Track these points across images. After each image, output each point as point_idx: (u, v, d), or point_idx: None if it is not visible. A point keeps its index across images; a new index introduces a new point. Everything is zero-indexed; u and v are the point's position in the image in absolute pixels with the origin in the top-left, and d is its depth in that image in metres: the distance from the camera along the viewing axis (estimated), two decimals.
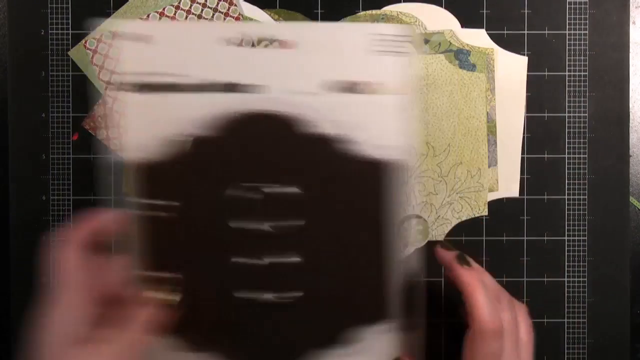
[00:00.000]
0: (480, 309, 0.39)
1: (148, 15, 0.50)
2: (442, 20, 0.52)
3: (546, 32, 0.52)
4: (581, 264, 0.52)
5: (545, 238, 0.52)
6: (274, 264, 0.42)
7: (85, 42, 0.51)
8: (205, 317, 0.42)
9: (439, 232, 0.52)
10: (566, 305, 0.52)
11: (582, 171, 0.52)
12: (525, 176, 0.52)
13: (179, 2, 0.51)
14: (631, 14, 0.53)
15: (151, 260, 0.41)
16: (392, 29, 0.42)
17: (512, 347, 0.40)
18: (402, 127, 0.42)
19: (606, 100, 0.52)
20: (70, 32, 0.52)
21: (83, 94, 0.52)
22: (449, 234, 0.52)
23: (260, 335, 0.43)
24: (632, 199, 0.53)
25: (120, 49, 0.40)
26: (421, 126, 0.52)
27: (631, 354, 0.52)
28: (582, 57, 0.52)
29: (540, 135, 0.52)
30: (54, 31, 0.52)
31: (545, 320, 0.52)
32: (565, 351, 0.52)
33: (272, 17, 0.51)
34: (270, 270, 0.42)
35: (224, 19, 0.50)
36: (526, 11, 0.52)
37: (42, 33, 0.52)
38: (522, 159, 0.52)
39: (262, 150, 0.41)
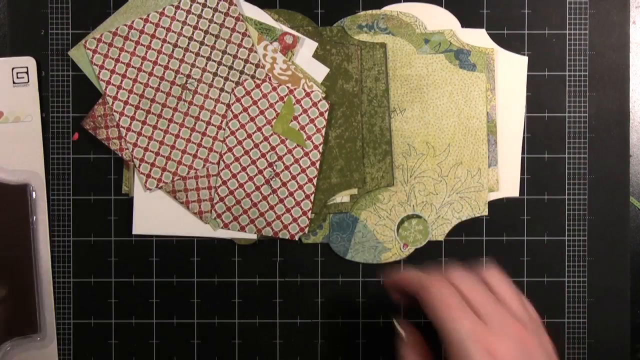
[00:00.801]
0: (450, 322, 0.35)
1: (148, 15, 0.50)
2: (442, 20, 0.52)
3: (546, 32, 0.52)
4: (581, 264, 0.52)
5: (545, 238, 0.52)
6: None
7: (85, 42, 0.51)
8: None
9: (439, 232, 0.52)
10: (566, 305, 0.52)
11: (582, 171, 0.52)
12: (525, 176, 0.52)
13: (179, 2, 0.51)
14: (631, 14, 0.53)
15: None
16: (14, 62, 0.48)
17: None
18: (24, 152, 0.47)
19: (606, 100, 0.52)
20: (70, 32, 0.52)
21: (83, 94, 0.52)
22: (449, 234, 0.52)
23: None
24: (632, 199, 0.53)
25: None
26: (421, 126, 0.52)
27: (631, 354, 0.52)
28: (582, 57, 0.52)
29: (540, 135, 0.52)
30: (54, 31, 0.52)
31: (545, 320, 0.52)
32: (565, 351, 0.52)
33: (272, 17, 0.51)
34: None
35: (224, 18, 0.50)
36: (526, 11, 0.52)
37: (42, 33, 0.52)
38: (522, 159, 0.52)
39: None
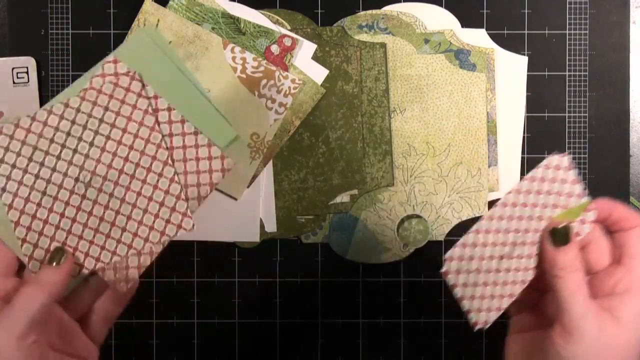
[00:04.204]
0: (572, 305, 0.32)
1: (51, 107, 0.38)
2: (442, 20, 0.52)
3: (546, 32, 0.52)
4: None
5: None
6: None
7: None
8: None
9: (439, 232, 0.52)
10: None
11: (582, 171, 0.52)
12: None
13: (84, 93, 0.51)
14: (631, 14, 0.53)
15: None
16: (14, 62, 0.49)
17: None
18: None
19: (606, 100, 0.52)
20: (70, 32, 0.52)
21: None
22: (449, 233, 0.52)
23: None
24: (632, 199, 0.53)
25: None
26: (421, 126, 0.52)
27: None
28: (582, 57, 0.52)
29: (540, 135, 0.52)
30: (54, 31, 0.52)
31: None
32: None
33: (272, 18, 0.51)
34: None
35: (125, 94, 0.39)
36: (526, 11, 0.52)
37: (42, 33, 0.52)
38: (522, 159, 0.52)
39: None
